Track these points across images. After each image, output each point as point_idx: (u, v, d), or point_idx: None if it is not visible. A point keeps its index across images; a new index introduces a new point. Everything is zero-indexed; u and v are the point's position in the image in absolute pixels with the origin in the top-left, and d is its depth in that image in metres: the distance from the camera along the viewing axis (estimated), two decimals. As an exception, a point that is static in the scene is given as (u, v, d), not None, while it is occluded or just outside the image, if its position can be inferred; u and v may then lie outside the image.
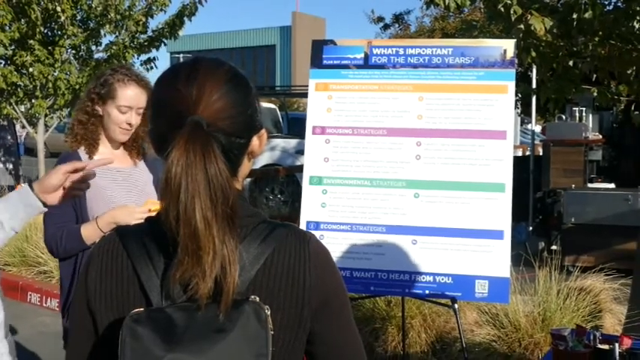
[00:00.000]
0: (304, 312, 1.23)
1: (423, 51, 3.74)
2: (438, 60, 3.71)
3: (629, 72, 5.83)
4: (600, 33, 5.62)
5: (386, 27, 21.05)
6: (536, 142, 11.03)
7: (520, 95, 9.47)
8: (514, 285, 4.65)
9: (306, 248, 1.25)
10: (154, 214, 1.27)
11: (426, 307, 4.79)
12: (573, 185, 7.88)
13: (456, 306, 3.51)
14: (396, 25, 21.83)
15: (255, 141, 1.27)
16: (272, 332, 1.14)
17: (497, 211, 3.49)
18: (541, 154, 9.60)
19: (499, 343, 4.46)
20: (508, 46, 3.68)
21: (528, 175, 9.25)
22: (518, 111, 11.58)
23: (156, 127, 1.24)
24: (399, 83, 3.72)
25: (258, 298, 1.15)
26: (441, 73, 3.69)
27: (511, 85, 3.63)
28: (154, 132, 1.25)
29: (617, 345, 2.24)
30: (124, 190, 2.71)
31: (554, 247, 7.60)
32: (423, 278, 3.50)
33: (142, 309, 1.15)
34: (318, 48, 3.87)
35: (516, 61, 3.91)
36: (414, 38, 18.65)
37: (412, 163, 3.60)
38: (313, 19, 41.32)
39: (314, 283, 1.23)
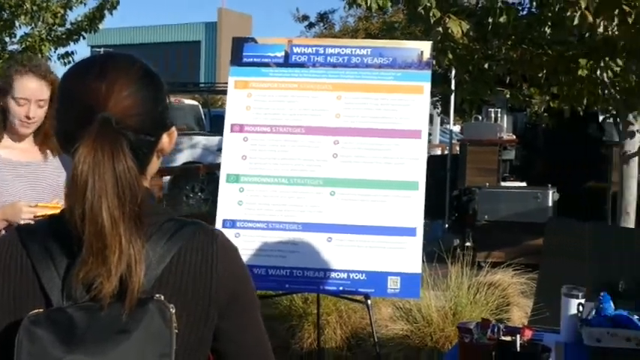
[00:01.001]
0: (211, 309, 1.22)
1: (343, 51, 3.79)
2: (357, 60, 3.76)
3: (539, 75, 6.08)
4: (513, 37, 5.83)
5: (311, 25, 21.15)
6: (454, 141, 11.27)
7: (440, 96, 9.68)
8: (427, 281, 4.77)
9: (213, 245, 1.24)
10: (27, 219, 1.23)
11: (343, 304, 4.83)
12: (487, 184, 8.11)
13: (369, 302, 3.57)
14: (321, 24, 21.95)
15: (164, 139, 1.26)
16: (177, 331, 1.13)
17: (411, 208, 3.57)
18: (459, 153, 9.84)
19: (412, 338, 4.56)
20: (425, 48, 3.77)
21: (445, 173, 9.46)
22: (439, 111, 11.81)
23: (62, 122, 1.21)
24: (318, 82, 3.75)
25: (163, 297, 1.14)
26: (359, 73, 3.74)
27: (427, 86, 3.71)
28: (60, 127, 1.22)
29: (518, 336, 2.35)
30: (27, 185, 2.64)
31: (468, 244, 7.80)
32: (337, 275, 3.55)
33: (41, 310, 1.12)
34: (239, 45, 3.87)
35: (433, 62, 4.01)
36: (338, 38, 18.78)
37: (329, 161, 3.65)
38: (239, 16, 40.90)
39: (221, 281, 1.23)
